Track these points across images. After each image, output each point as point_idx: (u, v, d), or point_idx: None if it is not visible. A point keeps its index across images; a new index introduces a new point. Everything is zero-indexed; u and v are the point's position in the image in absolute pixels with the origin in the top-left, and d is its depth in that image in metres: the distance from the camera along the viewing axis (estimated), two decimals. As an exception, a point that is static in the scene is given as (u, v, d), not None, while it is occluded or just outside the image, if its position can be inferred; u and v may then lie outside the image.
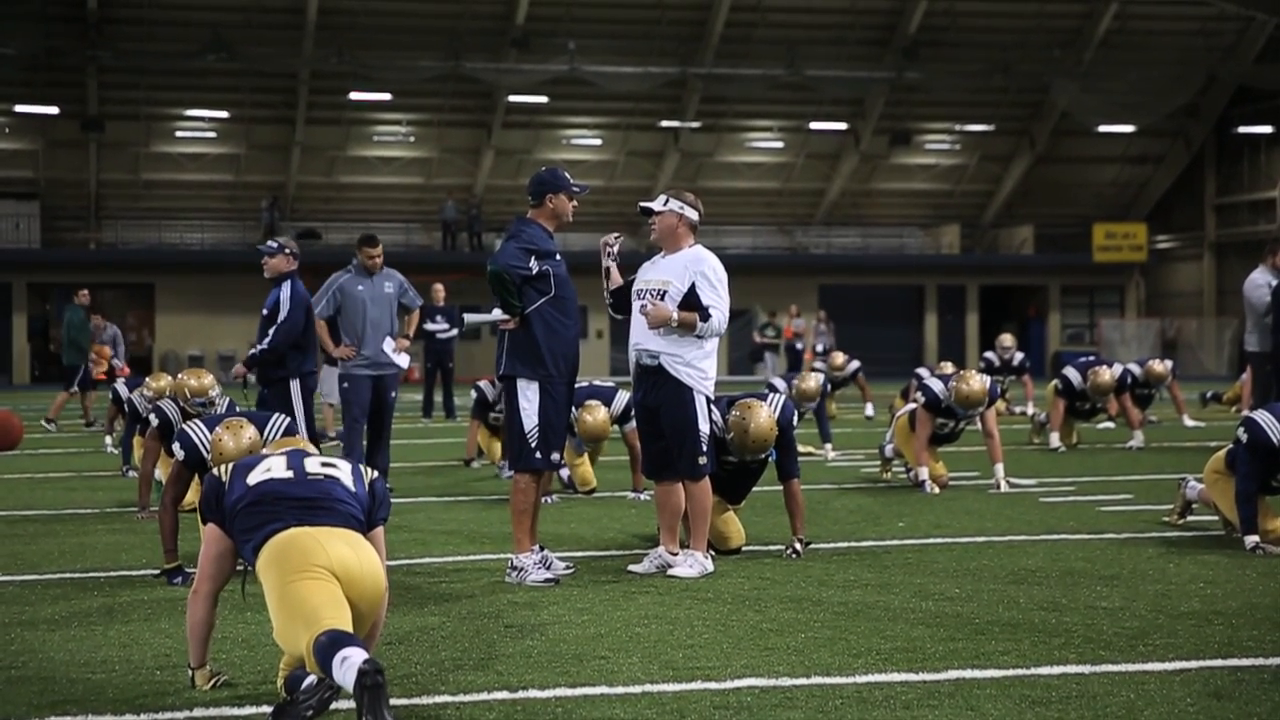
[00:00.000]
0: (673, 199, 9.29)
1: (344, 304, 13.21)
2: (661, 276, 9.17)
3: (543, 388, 8.89)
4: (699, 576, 8.87)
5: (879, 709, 5.70)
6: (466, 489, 14.14)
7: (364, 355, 13.13)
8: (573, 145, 49.14)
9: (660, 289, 9.12)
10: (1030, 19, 45.45)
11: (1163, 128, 49.68)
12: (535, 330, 8.90)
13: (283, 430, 9.16)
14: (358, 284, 13.25)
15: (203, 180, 47.84)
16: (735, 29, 44.43)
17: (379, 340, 13.15)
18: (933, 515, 11.69)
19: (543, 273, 8.92)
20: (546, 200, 9.14)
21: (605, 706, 5.78)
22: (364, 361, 13.14)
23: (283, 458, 6.13)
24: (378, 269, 13.35)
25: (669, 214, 9.24)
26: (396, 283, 13.48)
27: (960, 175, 51.45)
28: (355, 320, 13.17)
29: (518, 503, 8.94)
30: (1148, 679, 6.15)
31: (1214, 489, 10.17)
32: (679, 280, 9.09)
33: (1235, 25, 46.39)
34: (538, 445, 8.87)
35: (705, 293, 9.06)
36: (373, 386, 13.17)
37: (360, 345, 13.13)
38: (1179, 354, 44.87)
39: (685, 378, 9.04)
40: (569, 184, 9.19)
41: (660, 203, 9.30)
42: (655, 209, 9.28)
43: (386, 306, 13.30)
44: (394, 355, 13.24)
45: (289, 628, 5.62)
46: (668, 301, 9.05)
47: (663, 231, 9.26)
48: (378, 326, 13.18)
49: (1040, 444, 18.35)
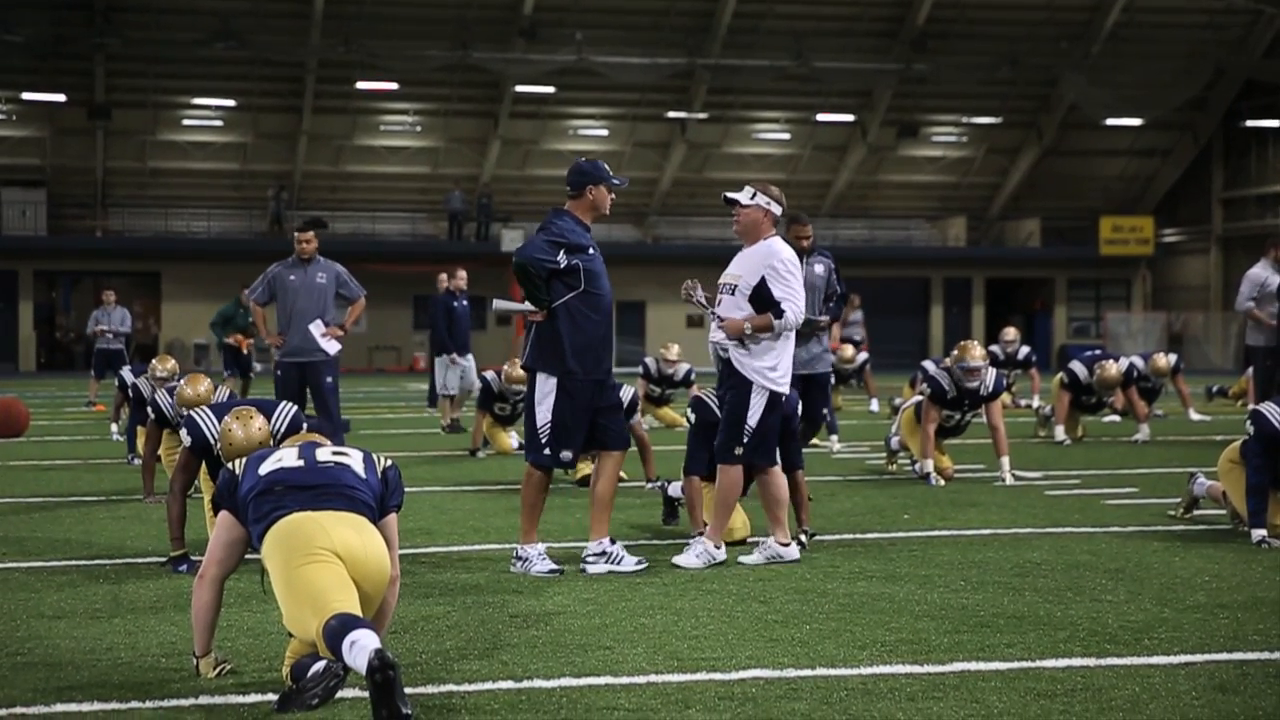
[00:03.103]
0: (759, 193, 9.14)
1: (277, 292, 13.60)
2: (735, 270, 9.08)
3: (560, 384, 8.80)
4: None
5: (884, 701, 5.70)
6: (472, 479, 14.15)
7: (290, 343, 13.48)
8: (579, 136, 49.12)
9: (731, 283, 9.04)
10: (1039, 11, 45.38)
11: (1170, 121, 49.62)
12: (560, 326, 8.78)
13: (290, 417, 9.16)
14: (290, 274, 13.63)
15: (209, 169, 47.83)
16: (743, 20, 44.38)
17: (304, 328, 13.42)
18: (938, 508, 11.69)
19: (572, 267, 8.75)
20: (586, 191, 8.94)
21: (610, 696, 5.78)
22: (290, 350, 13.50)
23: (295, 448, 6.15)
24: (307, 254, 13.53)
25: (755, 208, 9.11)
26: (333, 273, 13.67)
27: (967, 167, 51.39)
28: (284, 309, 13.56)
29: (528, 494, 8.91)
30: (1153, 672, 6.15)
31: (1227, 478, 10.16)
32: (749, 274, 8.99)
33: (1244, 19, 46.31)
34: (548, 441, 8.82)
35: (776, 286, 8.94)
36: (300, 374, 13.47)
37: (288, 333, 13.48)
38: (1185, 348, 44.83)
39: (749, 373, 8.99)
40: (609, 176, 9.00)
41: (747, 196, 9.13)
42: (742, 202, 9.12)
43: (318, 296, 13.58)
44: (322, 341, 13.42)
45: (297, 613, 5.63)
46: (737, 296, 8.97)
47: (747, 225, 9.12)
48: (304, 316, 13.48)
49: (1045, 437, 18.35)
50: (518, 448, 16.76)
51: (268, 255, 13.43)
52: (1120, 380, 17.78)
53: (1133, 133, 50.36)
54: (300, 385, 13.50)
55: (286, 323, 13.53)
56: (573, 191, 8.98)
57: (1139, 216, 51.20)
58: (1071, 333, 51.47)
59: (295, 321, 13.50)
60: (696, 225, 50.92)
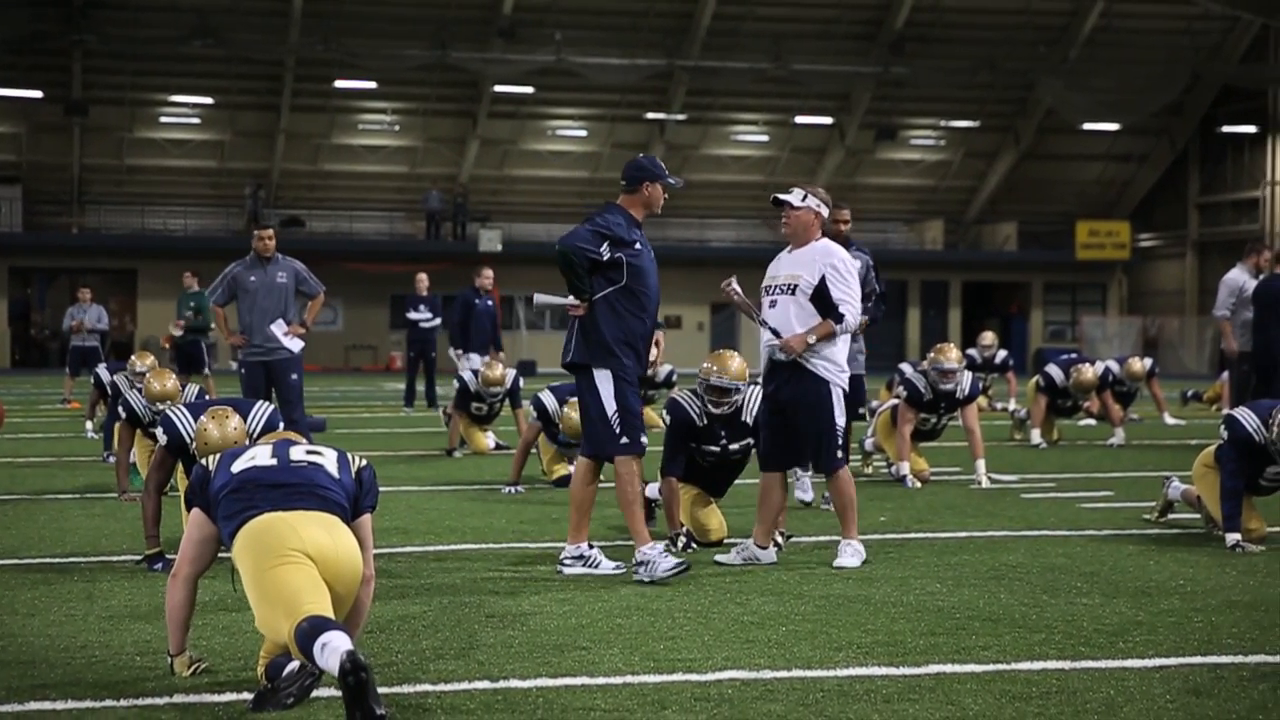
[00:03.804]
0: (810, 195, 9.11)
1: (237, 292, 13.60)
2: (791, 271, 9.03)
3: (615, 375, 8.59)
4: (860, 565, 8.91)
5: (860, 702, 5.71)
6: (448, 479, 14.12)
7: (253, 343, 13.49)
8: (558, 136, 49.12)
9: (790, 283, 8.99)
10: (1017, 16, 45.50)
11: (1147, 126, 49.80)
12: (600, 319, 8.61)
13: (265, 417, 9.14)
14: (250, 274, 13.63)
15: (186, 166, 47.71)
16: (722, 22, 44.43)
17: (265, 328, 13.43)
18: (914, 510, 11.70)
19: (614, 260, 8.58)
20: (643, 188, 8.75)
21: (586, 697, 5.78)
22: (253, 349, 13.50)
23: (269, 446, 6.13)
24: (267, 250, 13.51)
25: (806, 210, 9.06)
26: (292, 271, 13.66)
27: (945, 171, 51.50)
28: (246, 309, 13.55)
29: (626, 493, 8.60)
30: (1127, 675, 6.16)
31: (1202, 482, 10.19)
32: (809, 274, 8.96)
33: (1220, 25, 46.50)
34: (622, 430, 8.56)
35: (836, 287, 8.93)
36: (266, 372, 13.48)
37: (250, 333, 13.49)
38: (1160, 352, 44.98)
39: (823, 371, 8.96)
40: (666, 174, 8.83)
41: (798, 198, 9.07)
42: (794, 204, 9.06)
43: (279, 295, 13.60)
44: (284, 339, 13.43)
45: (269, 615, 5.61)
46: (799, 295, 8.93)
47: (797, 227, 9.06)
48: (266, 315, 13.49)
49: (1021, 440, 18.39)
50: (494, 448, 16.76)
51: (244, 253, 13.41)
52: (1096, 384, 17.83)
53: (1109, 137, 50.52)
54: (266, 384, 13.52)
55: (249, 323, 13.52)
56: (628, 186, 8.81)
57: (1115, 221, 51.37)
58: (1047, 336, 51.61)
59: (258, 321, 13.50)
60: (674, 226, 50.91)
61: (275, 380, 13.56)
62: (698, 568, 8.89)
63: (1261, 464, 9.67)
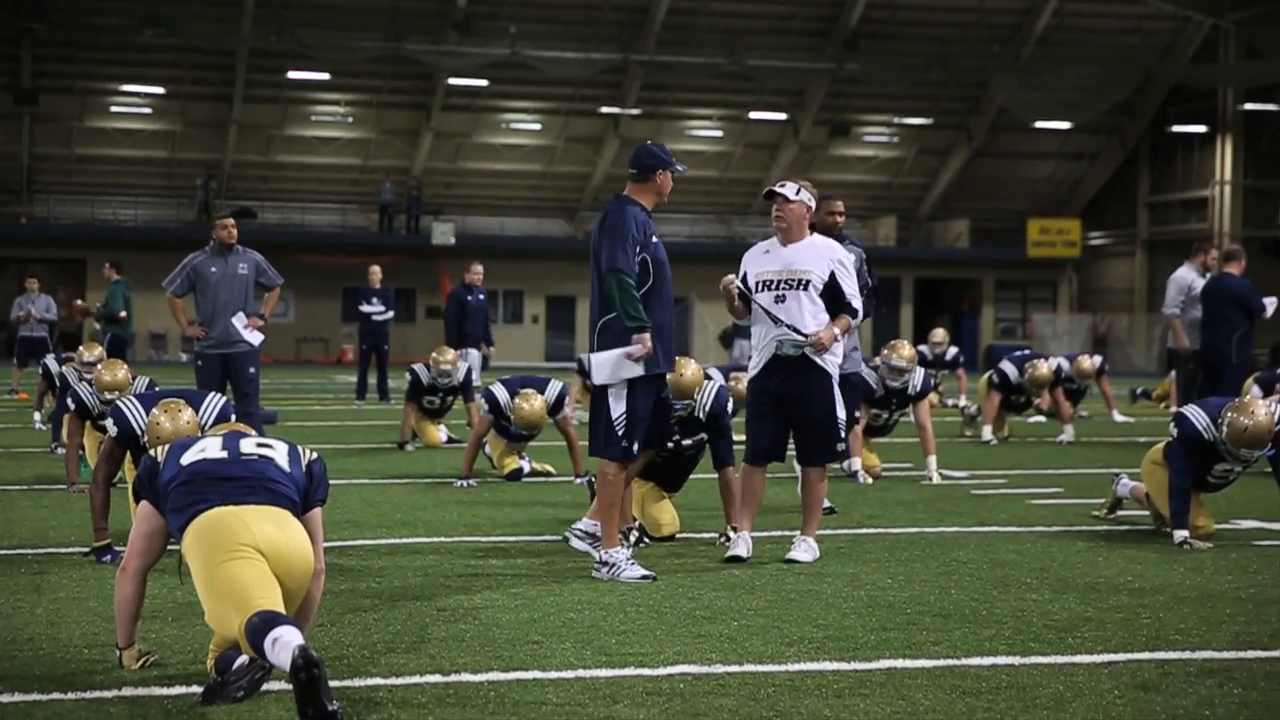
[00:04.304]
0: (804, 189, 9.09)
1: (197, 284, 13.37)
2: (798, 265, 8.96)
3: (630, 380, 8.44)
4: (813, 561, 8.91)
5: (811, 697, 5.72)
6: (400, 472, 14.09)
7: (212, 336, 13.28)
8: (512, 130, 49.03)
9: (800, 278, 8.92)
10: (970, 14, 45.70)
11: (1098, 125, 50.11)
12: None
13: (218, 409, 9.09)
14: (211, 265, 13.41)
15: (137, 156, 47.39)
16: (677, 17, 44.44)
17: (227, 320, 13.27)
18: (866, 506, 11.74)
19: (641, 261, 8.43)
20: (655, 176, 8.61)
21: (538, 691, 5.77)
22: (212, 342, 13.29)
23: (219, 438, 6.09)
24: (231, 238, 13.36)
25: (800, 204, 9.04)
26: (253, 262, 13.51)
27: (898, 168, 51.68)
28: (206, 301, 13.33)
29: (606, 495, 8.47)
30: (1076, 671, 6.20)
31: (1150, 480, 10.26)
32: (819, 269, 8.95)
33: (1171, 25, 46.81)
34: (624, 434, 8.42)
35: (845, 283, 8.98)
36: (223, 365, 13.31)
37: (209, 325, 13.28)
38: (1110, 350, 45.26)
39: (830, 365, 8.99)
40: (674, 162, 8.73)
41: (793, 191, 9.05)
42: (789, 197, 9.02)
43: (239, 287, 13.40)
44: (245, 332, 13.30)
45: (220, 610, 5.58)
46: (811, 290, 8.91)
47: (793, 220, 9.02)
48: (227, 307, 13.31)
49: (972, 437, 18.48)
50: (446, 441, 16.73)
51: (195, 244, 13.26)
52: (1051, 379, 17.96)
53: (1061, 136, 50.81)
54: (222, 376, 13.35)
55: (209, 314, 13.29)
56: (639, 175, 8.64)
57: (1066, 219, 51.67)
58: (998, 333, 51.87)
59: (219, 313, 13.28)
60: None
61: (233, 373, 13.35)
62: (647, 561, 8.89)
63: (1210, 462, 9.75)
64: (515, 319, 50.14)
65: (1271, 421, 9.50)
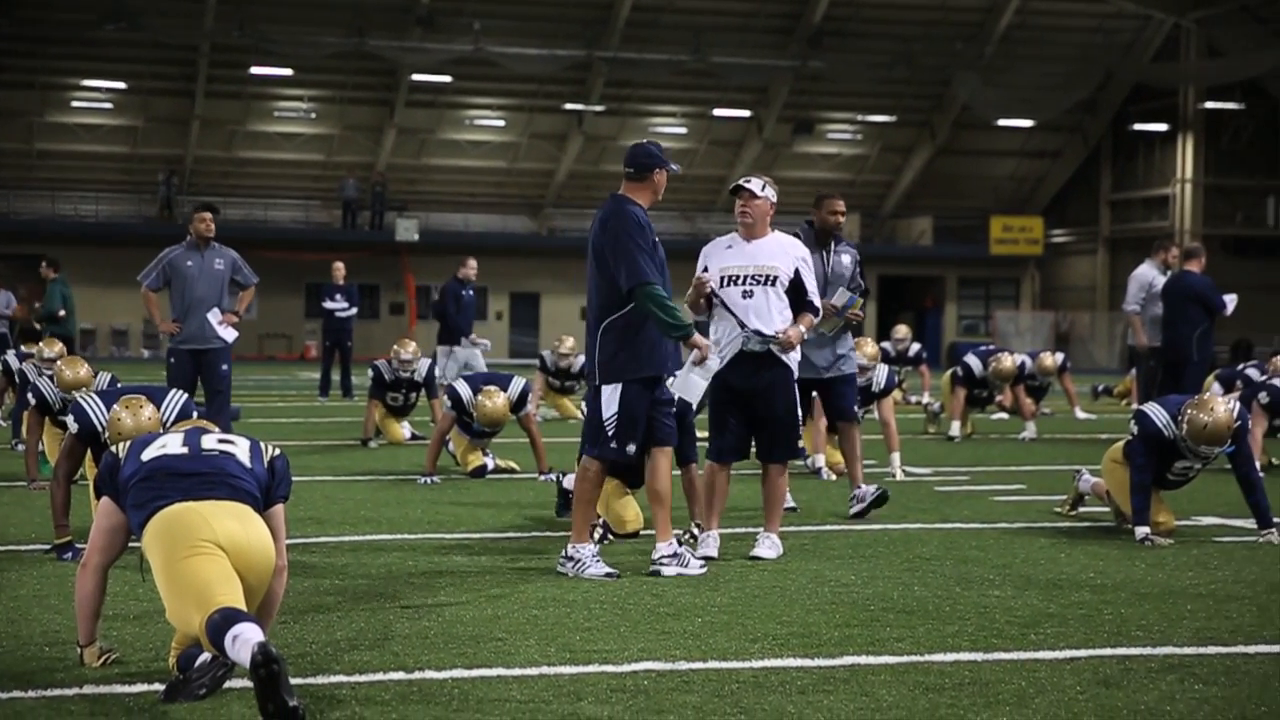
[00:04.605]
0: (769, 186, 9.14)
1: (173, 278, 13.29)
2: (764, 261, 8.99)
3: (626, 383, 8.38)
4: (776, 558, 8.91)
5: (774, 694, 5.73)
6: (363, 468, 14.05)
7: (187, 331, 13.20)
8: (476, 126, 48.94)
9: (766, 274, 8.96)
10: (933, 12, 45.82)
11: (1060, 123, 50.32)
12: (625, 329, 8.38)
13: (179, 405, 9.05)
14: (187, 259, 13.32)
15: (98, 151, 47.12)
16: (641, 13, 44.41)
17: (203, 316, 13.20)
18: (829, 502, 11.77)
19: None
20: (653, 175, 8.61)
21: (501, 688, 5.77)
22: (185, 337, 13.22)
23: (180, 435, 6.06)
24: (209, 232, 13.30)
25: (765, 200, 9.08)
26: (229, 260, 13.45)
27: (861, 165, 51.79)
28: (182, 296, 13.26)
29: (583, 491, 8.46)
30: (1039, 667, 6.22)
31: (1110, 477, 10.31)
32: (785, 266, 9.00)
33: (1133, 23, 47.04)
34: (615, 434, 8.38)
35: (809, 280, 9.07)
36: (195, 361, 13.23)
37: (184, 321, 13.20)
38: (1072, 347, 45.48)
39: (792, 362, 9.04)
40: (669, 161, 8.74)
41: (759, 186, 9.09)
42: (756, 192, 9.06)
43: (215, 283, 13.33)
44: (220, 329, 13.24)
45: (180, 607, 5.55)
46: (777, 286, 8.96)
47: (759, 216, 9.06)
48: (203, 303, 13.23)
49: (936, 433, 18.54)
50: (409, 438, 16.70)
51: (157, 240, 13.21)
52: (1015, 373, 18.05)
53: (1023, 134, 51.01)
54: (194, 372, 13.26)
55: (184, 310, 13.17)
56: (637, 174, 8.62)
57: (1028, 217, 51.87)
58: (961, 331, 52.05)
59: (194, 309, 13.16)
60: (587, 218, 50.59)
61: (205, 370, 13.25)
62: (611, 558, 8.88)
63: (1170, 459, 9.80)
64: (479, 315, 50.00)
65: (1231, 418, 9.56)
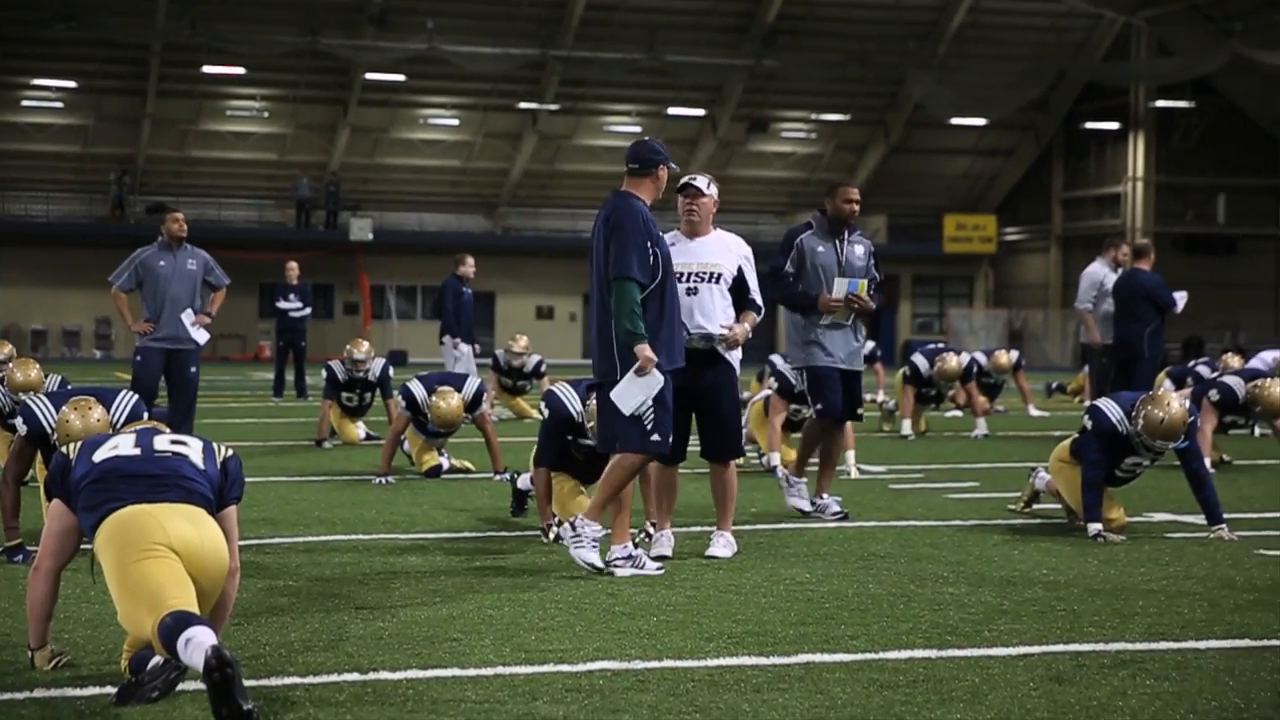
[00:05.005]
0: (713, 184, 9.17)
1: (145, 279, 13.19)
2: (709, 259, 9.03)
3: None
4: (732, 556, 8.90)
5: (730, 692, 5.73)
6: (318, 469, 14.00)
7: (162, 331, 13.11)
8: (430, 125, 48.83)
9: (710, 271, 9.00)
10: (887, 11, 45.97)
11: (1013, 122, 50.57)
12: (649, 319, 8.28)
13: (129, 407, 8.99)
14: (160, 259, 13.23)
15: (49, 151, 46.80)
16: (595, 12, 44.40)
17: (177, 316, 13.12)
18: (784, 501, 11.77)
19: (653, 255, 8.34)
20: (656, 171, 8.53)
21: (457, 688, 5.75)
22: (160, 336, 13.13)
23: (132, 436, 6.02)
24: (182, 232, 13.21)
25: (710, 198, 9.12)
26: (201, 260, 13.38)
27: (816, 164, 51.91)
28: (156, 296, 13.15)
29: (624, 485, 8.39)
30: (992, 663, 6.25)
31: (1059, 476, 10.37)
32: (729, 264, 9.05)
33: (1084, 22, 47.33)
34: (654, 427, 8.31)
35: (751, 278, 9.12)
36: (166, 361, 13.14)
37: (158, 321, 13.11)
38: (1026, 344, 45.71)
39: (735, 360, 9.09)
40: (670, 158, 8.68)
41: (705, 184, 9.12)
42: (703, 190, 9.08)
43: (189, 283, 13.25)
44: (193, 330, 13.15)
45: (133, 610, 5.51)
46: (721, 284, 9.01)
47: (705, 214, 9.11)
48: (177, 303, 13.15)
49: (890, 431, 18.60)
50: (364, 438, 16.65)
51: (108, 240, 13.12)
52: (960, 373, 18.11)
53: (977, 132, 51.23)
54: (161, 371, 13.12)
55: (158, 310, 13.06)
56: (640, 170, 8.55)
57: (982, 215, 52.12)
58: (915, 329, 52.24)
59: (169, 309, 13.05)
60: (547, 217, 50.82)
61: (174, 371, 13.12)
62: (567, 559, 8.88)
63: (1120, 455, 9.86)
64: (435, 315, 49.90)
65: (1185, 414, 9.63)
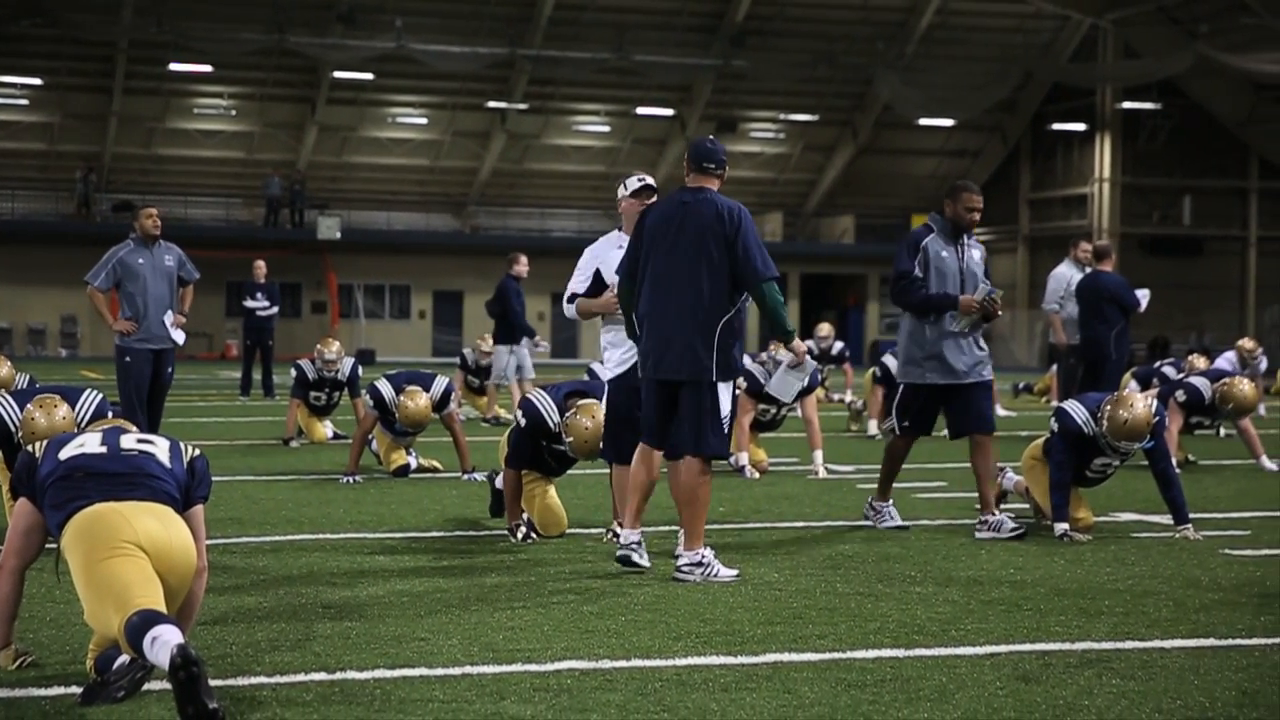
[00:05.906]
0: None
1: (124, 277, 12.98)
2: None
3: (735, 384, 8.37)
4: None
5: (698, 691, 5.74)
6: (285, 468, 13.95)
7: (146, 330, 12.94)
8: (398, 124, 48.75)
9: None
10: (855, 11, 46.08)
11: (980, 122, 50.75)
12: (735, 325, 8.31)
13: (94, 405, 8.95)
14: (138, 257, 13.02)
15: (14, 149, 46.56)
16: (564, 11, 44.39)
17: (160, 315, 12.97)
18: (752, 500, 11.80)
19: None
20: (724, 173, 8.55)
21: (424, 688, 5.74)
22: (144, 336, 12.95)
23: (99, 434, 6.00)
24: (157, 228, 13.06)
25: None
26: (176, 256, 13.23)
27: (784, 164, 51.99)
28: (138, 295, 12.95)
29: (704, 493, 8.35)
30: (959, 663, 6.27)
31: (1029, 475, 10.42)
32: None
33: (1051, 24, 47.53)
34: (728, 431, 8.30)
35: None
36: (152, 362, 12.99)
37: (142, 320, 12.93)
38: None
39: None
40: None
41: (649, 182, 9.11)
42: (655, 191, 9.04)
43: (168, 280, 13.08)
44: (171, 330, 13.01)
45: (99, 608, 5.49)
46: None
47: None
48: (159, 301, 12.97)
49: (858, 431, 18.63)
50: (332, 437, 16.60)
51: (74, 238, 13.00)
52: (929, 373, 18.13)
53: (944, 133, 51.40)
54: (152, 372, 12.98)
55: (140, 309, 12.86)
56: (718, 170, 8.51)
57: (949, 216, 52.22)
58: (884, 329, 52.33)
59: (152, 307, 12.86)
60: (515, 216, 50.80)
61: (156, 371, 12.98)
62: (537, 556, 8.88)
63: (1089, 456, 9.91)
64: (402, 314, 49.87)
65: (1150, 414, 9.67)
